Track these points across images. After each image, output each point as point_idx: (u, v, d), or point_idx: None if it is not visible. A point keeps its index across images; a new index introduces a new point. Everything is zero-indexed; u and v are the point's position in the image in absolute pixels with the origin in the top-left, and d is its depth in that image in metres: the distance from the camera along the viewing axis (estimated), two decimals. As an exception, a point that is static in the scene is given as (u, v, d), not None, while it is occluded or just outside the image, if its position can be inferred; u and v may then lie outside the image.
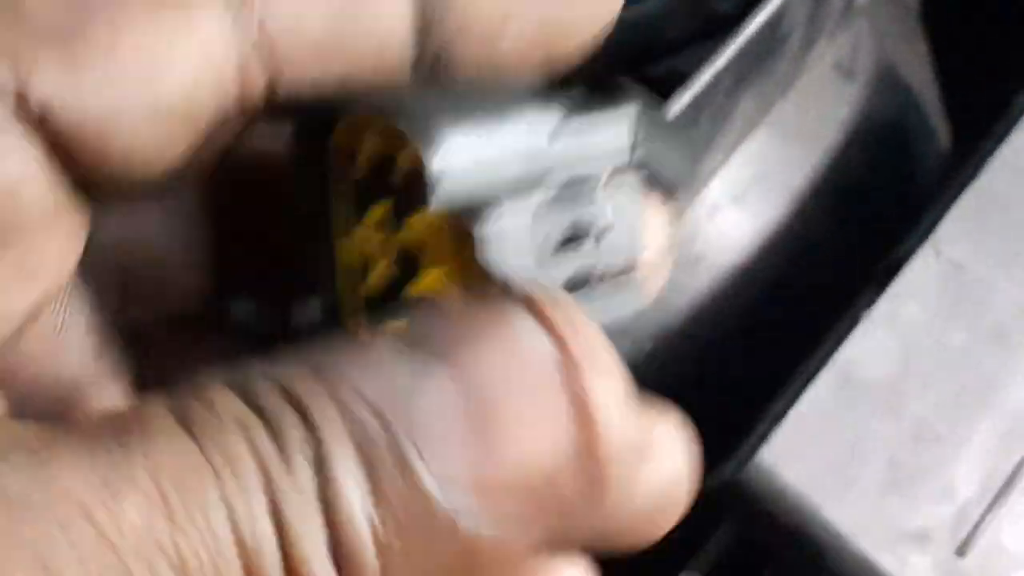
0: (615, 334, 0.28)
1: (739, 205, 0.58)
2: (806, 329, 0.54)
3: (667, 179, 0.30)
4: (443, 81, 0.26)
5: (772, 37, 0.50)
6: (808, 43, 0.56)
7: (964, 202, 0.53)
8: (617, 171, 0.28)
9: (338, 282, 0.29)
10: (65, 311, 0.27)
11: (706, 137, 0.51)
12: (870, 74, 0.62)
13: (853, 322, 0.51)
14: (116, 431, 0.20)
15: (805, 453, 0.49)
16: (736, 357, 0.57)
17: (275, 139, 0.28)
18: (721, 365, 0.57)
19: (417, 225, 0.27)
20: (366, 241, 0.28)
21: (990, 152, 0.54)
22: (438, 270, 0.27)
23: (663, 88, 0.52)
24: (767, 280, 0.58)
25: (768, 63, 0.52)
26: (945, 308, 0.52)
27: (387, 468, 0.20)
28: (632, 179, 0.28)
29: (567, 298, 0.24)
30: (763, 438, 0.49)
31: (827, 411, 0.50)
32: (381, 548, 0.20)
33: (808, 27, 0.54)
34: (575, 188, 0.27)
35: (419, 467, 0.21)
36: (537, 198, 0.27)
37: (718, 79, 0.48)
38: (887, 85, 0.62)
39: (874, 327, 0.51)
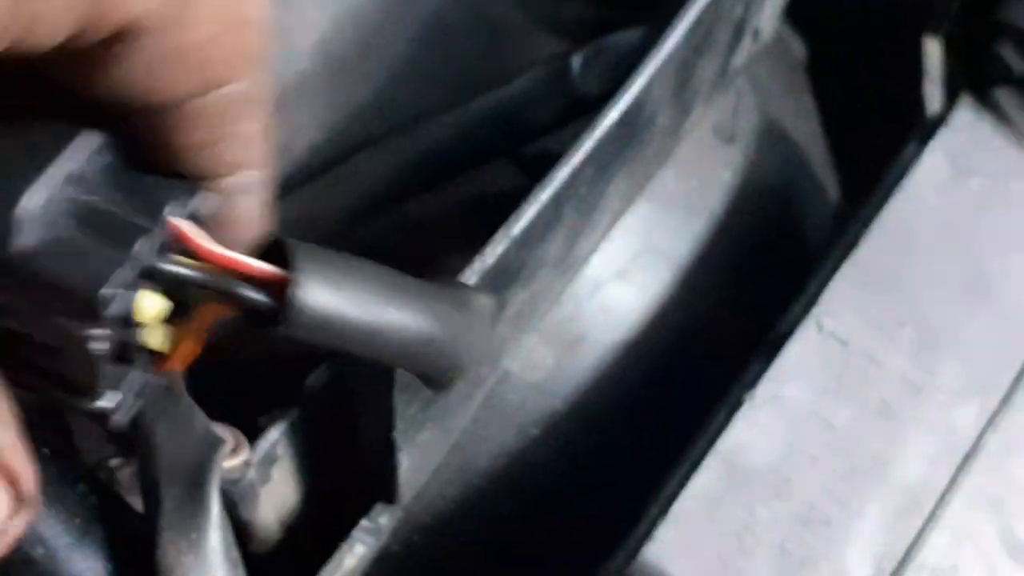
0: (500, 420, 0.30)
1: (622, 280, 0.56)
2: (697, 406, 0.53)
3: None
4: None
5: (636, 118, 0.49)
6: (681, 113, 0.55)
7: (845, 271, 0.52)
8: None
9: None
10: None
11: (575, 223, 0.49)
12: (752, 134, 0.61)
13: (736, 405, 0.50)
14: None
15: (691, 547, 0.48)
16: (624, 440, 0.55)
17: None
18: (609, 449, 0.55)
19: None
20: None
21: (869, 218, 0.53)
22: None
23: (536, 168, 0.50)
24: (655, 356, 0.56)
25: (636, 142, 0.51)
26: (830, 385, 0.50)
27: None
28: None
29: None
30: (647, 534, 0.48)
31: (713, 501, 0.48)
32: None
33: (677, 100, 0.52)
34: None
35: None
36: None
37: (580, 169, 0.46)
38: (771, 143, 0.61)
39: (757, 409, 0.50)
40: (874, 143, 0.61)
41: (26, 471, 0.30)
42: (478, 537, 0.55)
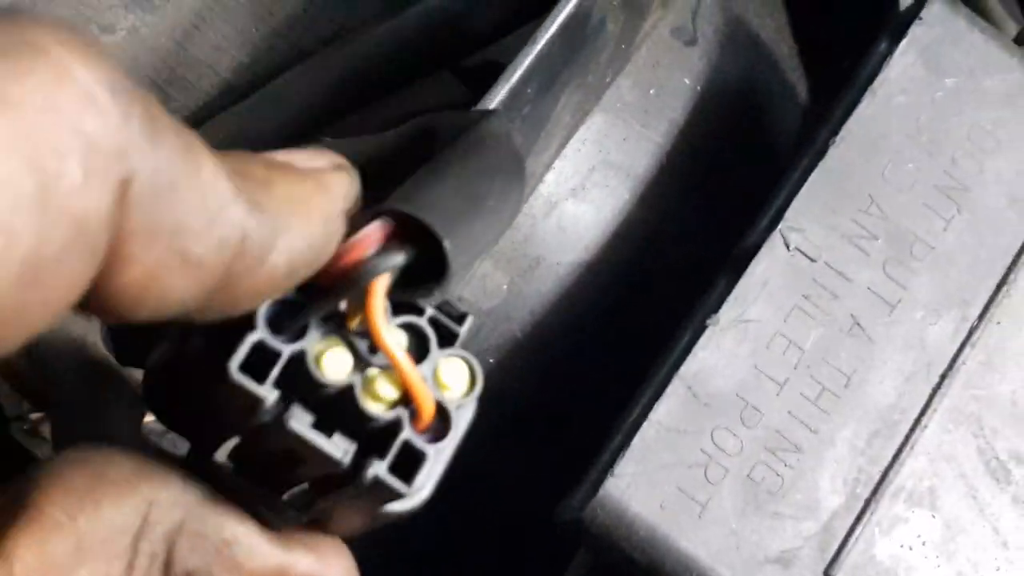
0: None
1: (578, 198, 0.53)
2: (659, 328, 0.50)
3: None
4: None
5: (584, 23, 0.45)
6: (636, 15, 0.51)
7: (813, 182, 0.49)
8: None
9: None
10: None
11: (526, 138, 0.46)
12: (714, 35, 0.57)
13: (699, 328, 0.47)
14: None
15: (654, 480, 0.45)
16: (584, 367, 0.53)
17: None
18: (567, 378, 0.52)
19: None
20: None
21: (838, 123, 0.50)
22: None
23: (479, 81, 0.47)
24: (614, 275, 0.53)
25: (586, 50, 0.47)
26: (797, 305, 0.47)
27: None
28: None
29: None
30: (608, 467, 0.45)
31: (675, 431, 0.46)
32: None
33: (629, 2, 0.49)
34: None
35: None
36: None
37: (526, 78, 0.43)
38: (734, 44, 0.58)
39: (721, 332, 0.47)
40: (844, 40, 0.57)
41: None
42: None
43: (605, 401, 0.49)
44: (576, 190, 0.53)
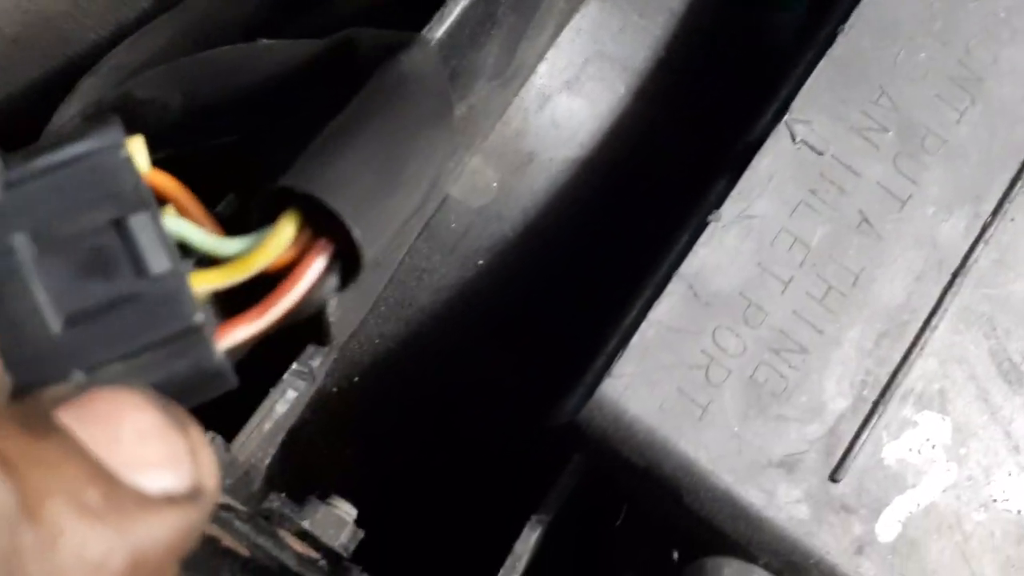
0: (441, 249, 0.35)
1: (572, 91, 0.51)
2: (658, 226, 0.48)
3: None
4: None
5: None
6: None
7: (820, 72, 0.46)
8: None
9: None
10: None
11: (514, 25, 0.43)
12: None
13: (700, 224, 0.45)
14: None
15: (653, 381, 0.43)
16: (578, 265, 0.50)
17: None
18: (562, 277, 0.50)
19: None
20: None
21: (847, 9, 0.47)
22: None
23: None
24: (610, 172, 0.51)
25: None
26: (803, 200, 0.45)
27: None
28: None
29: None
30: (604, 369, 0.43)
31: (675, 331, 0.44)
32: None
33: None
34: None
35: None
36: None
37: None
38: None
39: (724, 229, 0.45)
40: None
41: None
42: (422, 375, 0.50)
43: (600, 303, 0.47)
44: (570, 83, 0.51)
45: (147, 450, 0.25)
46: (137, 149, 0.27)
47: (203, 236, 0.28)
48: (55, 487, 0.23)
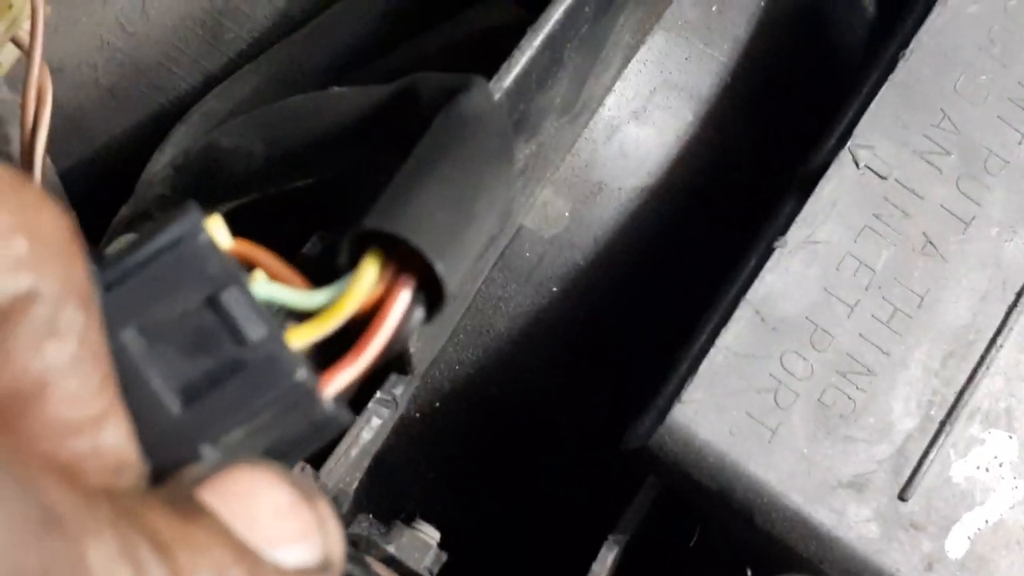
0: (516, 278, 0.32)
1: (639, 120, 0.52)
2: (725, 252, 0.49)
3: None
4: None
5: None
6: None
7: (882, 97, 0.47)
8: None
9: None
10: None
11: (580, 65, 0.45)
12: (778, -52, 0.55)
13: (767, 250, 0.46)
14: None
15: (722, 406, 0.44)
16: (649, 292, 0.52)
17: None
18: (632, 302, 0.52)
19: None
20: None
21: (907, 36, 0.48)
22: None
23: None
24: (677, 199, 0.52)
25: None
26: (868, 224, 0.46)
27: None
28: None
29: None
30: (675, 394, 0.44)
31: (742, 356, 0.45)
32: None
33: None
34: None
35: None
36: None
37: (578, 2, 0.42)
38: (799, -43, 0.56)
39: (790, 254, 0.46)
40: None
41: None
42: (500, 401, 0.52)
43: (670, 328, 0.48)
44: (638, 113, 0.52)
45: (283, 526, 0.26)
46: (216, 227, 0.29)
47: (291, 294, 0.30)
48: (205, 567, 0.24)
